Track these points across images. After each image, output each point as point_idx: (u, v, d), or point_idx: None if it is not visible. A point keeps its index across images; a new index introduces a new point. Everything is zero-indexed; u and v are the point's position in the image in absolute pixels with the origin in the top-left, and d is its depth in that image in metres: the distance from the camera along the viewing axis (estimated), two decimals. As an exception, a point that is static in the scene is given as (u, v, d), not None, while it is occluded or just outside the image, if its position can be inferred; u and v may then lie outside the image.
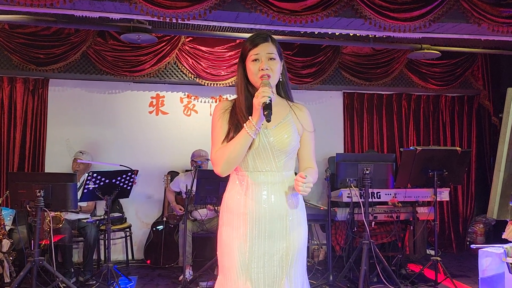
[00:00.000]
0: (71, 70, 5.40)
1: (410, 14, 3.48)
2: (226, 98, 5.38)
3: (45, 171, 5.42)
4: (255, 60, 1.86)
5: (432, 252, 4.84)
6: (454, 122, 6.44)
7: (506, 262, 1.69)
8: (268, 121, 1.72)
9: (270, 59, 1.86)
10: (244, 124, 1.78)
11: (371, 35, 4.23)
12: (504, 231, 2.37)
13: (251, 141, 1.79)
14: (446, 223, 6.22)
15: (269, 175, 1.86)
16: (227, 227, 1.88)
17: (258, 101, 1.73)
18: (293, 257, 1.85)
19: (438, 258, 4.38)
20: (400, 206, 4.67)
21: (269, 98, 1.73)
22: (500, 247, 2.04)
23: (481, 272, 2.74)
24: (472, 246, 3.04)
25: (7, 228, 4.54)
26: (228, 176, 1.94)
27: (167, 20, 3.29)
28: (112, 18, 3.60)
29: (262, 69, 1.83)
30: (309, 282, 4.56)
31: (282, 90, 2.00)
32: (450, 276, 4.26)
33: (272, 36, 1.94)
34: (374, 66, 5.98)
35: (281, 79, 1.95)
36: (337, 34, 4.15)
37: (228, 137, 1.84)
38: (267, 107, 1.72)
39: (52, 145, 5.52)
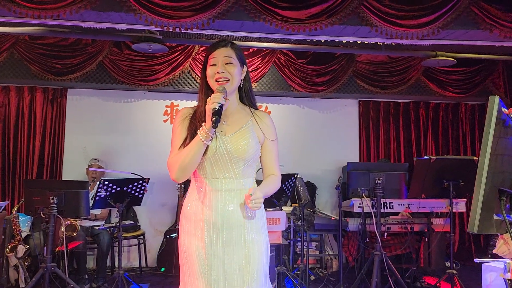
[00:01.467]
0: (88, 80, 5.52)
1: (417, 21, 3.41)
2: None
3: (63, 179, 5.55)
4: (213, 64, 1.87)
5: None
6: (474, 131, 6.27)
7: (504, 279, 1.61)
8: (214, 127, 1.72)
9: (227, 63, 1.87)
10: (198, 131, 1.78)
11: (379, 42, 4.17)
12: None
13: (205, 147, 1.79)
14: (466, 234, 6.03)
15: (227, 182, 1.84)
16: (185, 235, 1.88)
17: (208, 107, 1.74)
18: (254, 266, 1.83)
19: (454, 271, 4.23)
20: (410, 217, 4.55)
21: (219, 104, 1.73)
22: (503, 262, 1.95)
23: (485, 287, 2.62)
24: (476, 260, 2.92)
25: (24, 234, 4.66)
26: None
27: (171, 30, 3.33)
28: (119, 29, 3.68)
29: (217, 72, 1.84)
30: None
31: (246, 97, 1.99)
32: (466, 290, 4.11)
33: (234, 43, 1.95)
34: (389, 74, 5.90)
35: (241, 85, 1.95)
36: (344, 42, 4.11)
37: (185, 144, 1.84)
38: (216, 113, 1.72)
39: (70, 153, 5.66)
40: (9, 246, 4.34)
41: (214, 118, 1.71)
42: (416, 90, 6.08)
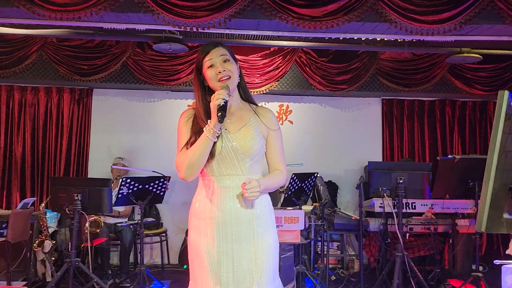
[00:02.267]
0: (112, 80, 5.63)
1: (438, 16, 3.32)
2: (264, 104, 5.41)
3: (88, 176, 5.70)
4: (211, 66, 1.88)
5: (480, 268, 4.57)
6: (503, 130, 6.05)
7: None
8: (221, 122, 1.74)
9: (225, 61, 1.88)
10: (204, 128, 1.80)
11: (400, 39, 4.08)
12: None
13: (211, 145, 1.81)
14: (494, 236, 5.83)
15: (235, 179, 1.86)
16: (194, 232, 1.90)
17: (213, 104, 1.77)
18: (263, 262, 1.84)
19: (480, 274, 4.10)
20: (434, 217, 4.44)
21: (224, 100, 1.76)
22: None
23: (504, 290, 2.53)
24: (496, 261, 2.83)
25: (51, 230, 4.81)
26: None
27: (188, 30, 3.37)
28: (138, 29, 3.75)
29: (219, 72, 1.85)
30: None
31: (243, 92, 2.01)
32: (492, 293, 3.98)
33: (223, 43, 1.96)
34: (414, 71, 5.77)
35: (239, 81, 1.96)
36: (363, 39, 4.05)
37: (190, 142, 1.86)
38: (221, 109, 1.74)
39: (95, 151, 5.81)
40: (37, 241, 4.49)
41: (220, 113, 1.73)
42: (441, 88, 5.92)
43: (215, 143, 1.82)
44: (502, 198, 1.30)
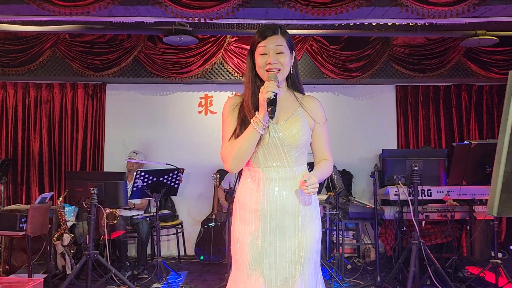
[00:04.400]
0: (125, 74, 5.68)
1: (451, -2, 3.24)
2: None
3: (104, 170, 5.77)
4: (263, 54, 1.81)
5: (500, 255, 4.51)
6: (522, 114, 5.91)
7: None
8: (271, 117, 1.68)
9: (279, 53, 1.80)
10: (251, 120, 1.75)
11: (412, 23, 4.00)
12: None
13: (258, 137, 1.77)
14: (514, 223, 5.73)
15: (280, 171, 1.82)
16: (239, 223, 1.87)
17: (263, 96, 1.71)
18: (306, 254, 1.80)
19: (499, 261, 4.04)
20: (458, 204, 4.37)
21: (274, 94, 1.69)
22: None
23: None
24: (512, 247, 2.78)
25: (70, 223, 4.89)
26: None
27: (196, 21, 3.36)
28: (147, 22, 3.76)
29: (269, 63, 1.79)
30: (357, 282, 4.44)
31: (292, 82, 1.94)
32: (512, 280, 3.92)
33: (283, 27, 1.88)
34: (428, 56, 5.67)
35: (291, 72, 1.89)
36: (374, 24, 3.98)
37: (236, 133, 1.82)
38: (271, 103, 1.68)
39: (110, 145, 5.88)
40: (56, 235, 4.57)
41: (270, 108, 1.68)
42: (457, 72, 5.81)
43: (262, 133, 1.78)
44: (514, 181, 1.27)
